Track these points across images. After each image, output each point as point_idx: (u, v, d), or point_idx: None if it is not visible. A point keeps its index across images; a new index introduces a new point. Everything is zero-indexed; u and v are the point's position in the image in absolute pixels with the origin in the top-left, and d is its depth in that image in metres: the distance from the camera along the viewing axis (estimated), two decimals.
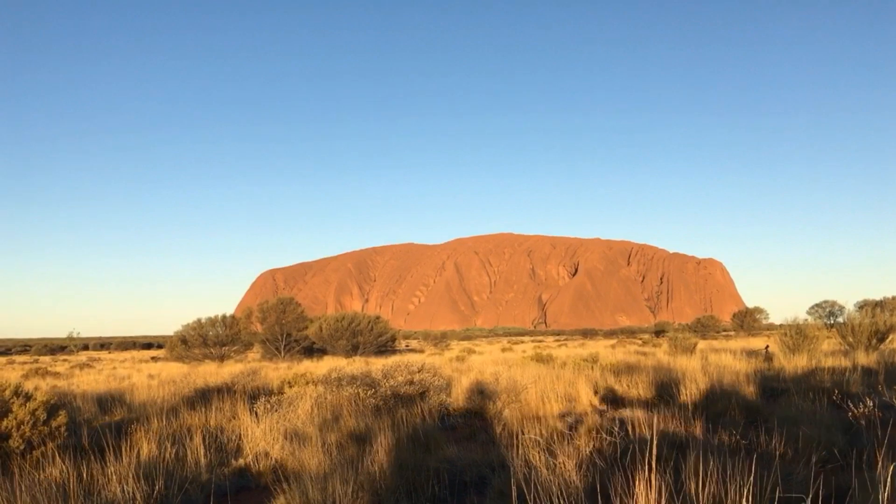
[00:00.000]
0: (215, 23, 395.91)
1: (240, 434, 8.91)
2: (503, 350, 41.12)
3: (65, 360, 51.83)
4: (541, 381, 12.93)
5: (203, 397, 13.09)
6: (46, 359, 60.29)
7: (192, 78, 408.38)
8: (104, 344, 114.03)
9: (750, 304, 75.20)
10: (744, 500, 4.46)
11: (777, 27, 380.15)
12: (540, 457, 6.46)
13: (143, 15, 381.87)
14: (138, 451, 7.67)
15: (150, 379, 20.34)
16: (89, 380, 23.10)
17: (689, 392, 11.09)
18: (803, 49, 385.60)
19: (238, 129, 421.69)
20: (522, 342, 67.41)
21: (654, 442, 5.31)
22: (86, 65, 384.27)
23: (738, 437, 7.84)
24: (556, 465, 5.69)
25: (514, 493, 4.62)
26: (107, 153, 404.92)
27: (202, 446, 8.06)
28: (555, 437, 7.98)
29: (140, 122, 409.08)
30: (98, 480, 6.66)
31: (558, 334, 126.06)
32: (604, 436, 8.61)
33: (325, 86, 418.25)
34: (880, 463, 5.34)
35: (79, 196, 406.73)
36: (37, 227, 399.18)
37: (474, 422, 10.17)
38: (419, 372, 11.20)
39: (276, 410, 10.81)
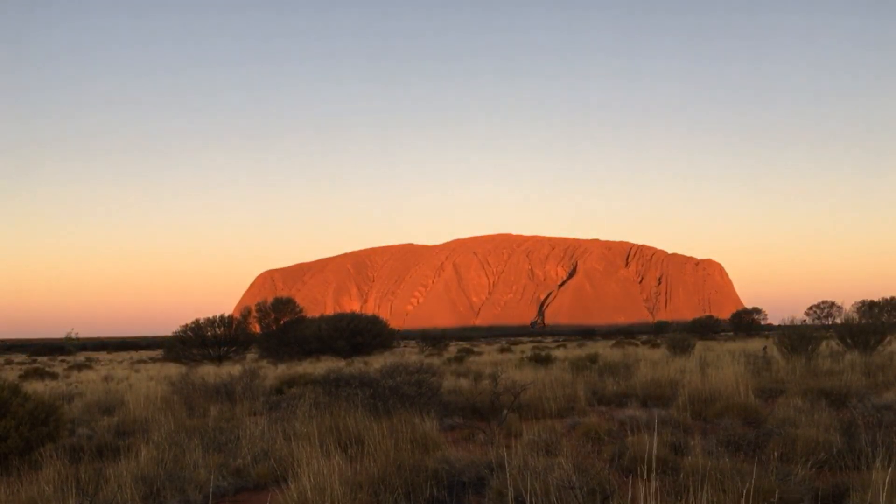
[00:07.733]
0: (212, 22, 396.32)
1: (238, 434, 8.90)
2: (502, 350, 41.05)
3: (63, 361, 51.76)
4: (539, 382, 12.94)
5: (201, 398, 13.08)
6: (44, 359, 60.19)
7: (190, 77, 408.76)
8: (103, 344, 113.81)
9: (748, 305, 75.15)
10: (742, 500, 4.47)
11: (777, 25, 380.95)
12: (538, 457, 6.47)
13: (141, 12, 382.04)
14: (136, 452, 7.67)
15: (148, 380, 20.32)
16: (87, 380, 23.08)
17: (687, 393, 11.11)
18: (803, 47, 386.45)
19: (236, 128, 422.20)
20: (521, 343, 67.36)
21: (653, 442, 5.32)
22: (81, 59, 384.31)
23: (736, 437, 7.85)
24: (554, 466, 5.70)
25: (511, 494, 4.62)
26: (106, 153, 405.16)
27: (200, 447, 8.06)
28: (553, 438, 7.99)
29: (139, 121, 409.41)
30: (96, 481, 6.66)
31: (557, 335, 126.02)
32: (602, 436, 8.63)
33: (324, 85, 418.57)
34: (878, 464, 5.35)
35: (78, 196, 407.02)
36: (35, 227, 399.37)
37: (473, 422, 10.17)
38: (417, 372, 11.19)
39: (275, 411, 10.82)
